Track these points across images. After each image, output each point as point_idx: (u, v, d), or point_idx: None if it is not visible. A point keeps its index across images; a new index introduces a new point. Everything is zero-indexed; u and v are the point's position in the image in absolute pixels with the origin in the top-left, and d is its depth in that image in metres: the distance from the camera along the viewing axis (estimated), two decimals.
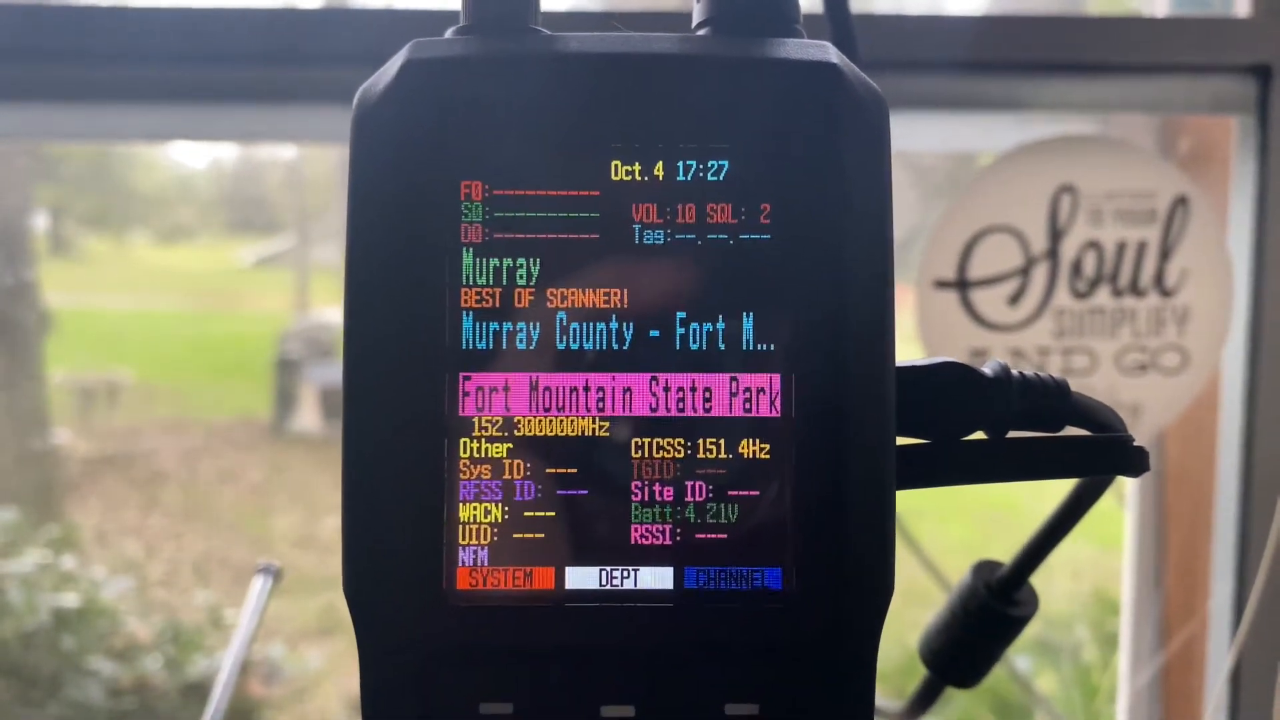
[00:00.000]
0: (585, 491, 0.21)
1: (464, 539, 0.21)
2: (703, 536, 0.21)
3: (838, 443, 0.21)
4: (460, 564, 0.21)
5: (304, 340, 3.34)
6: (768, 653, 0.20)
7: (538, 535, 0.21)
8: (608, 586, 0.21)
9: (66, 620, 1.66)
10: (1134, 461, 0.23)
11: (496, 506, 0.21)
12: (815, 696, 0.20)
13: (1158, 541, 0.70)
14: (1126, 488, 0.72)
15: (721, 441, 0.21)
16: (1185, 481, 0.70)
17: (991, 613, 0.30)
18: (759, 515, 0.21)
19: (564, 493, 0.21)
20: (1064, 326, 0.58)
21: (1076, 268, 0.58)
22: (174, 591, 2.25)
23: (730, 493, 0.21)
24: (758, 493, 0.21)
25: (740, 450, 0.21)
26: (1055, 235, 0.58)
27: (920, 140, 0.71)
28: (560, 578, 0.21)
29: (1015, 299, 0.58)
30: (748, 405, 0.21)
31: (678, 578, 0.21)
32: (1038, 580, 0.31)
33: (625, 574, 0.21)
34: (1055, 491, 0.30)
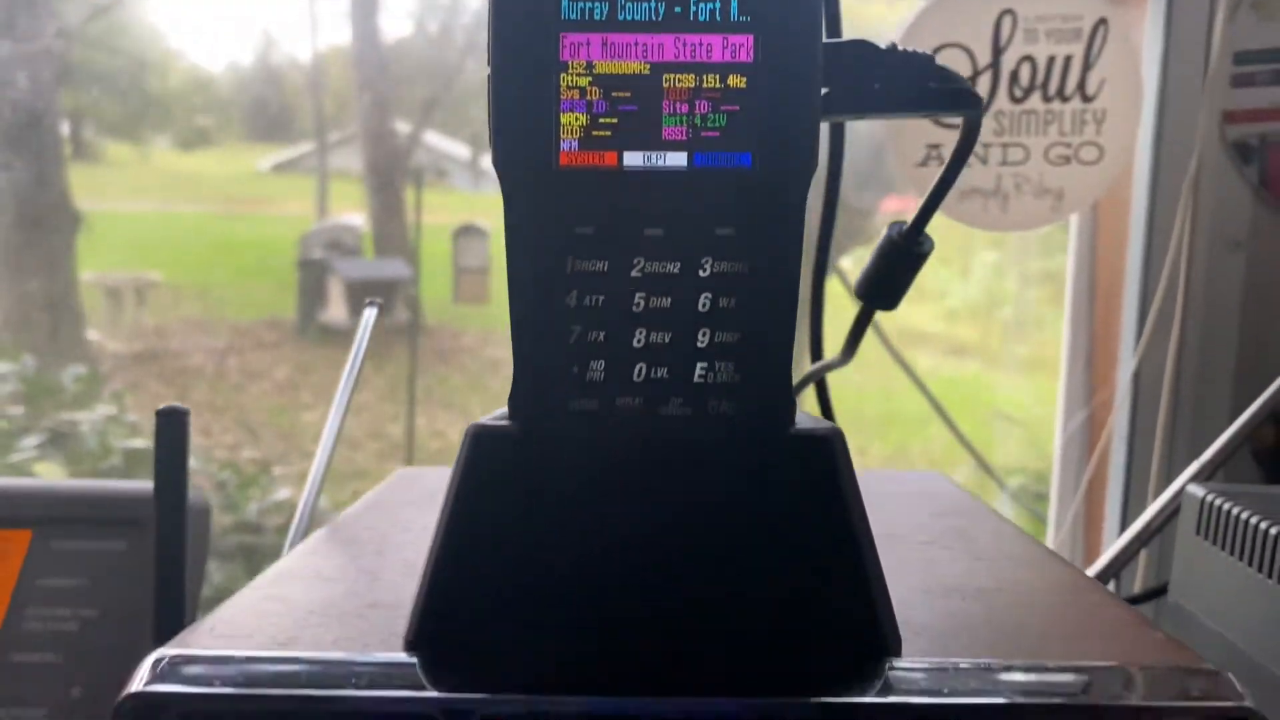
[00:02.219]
0: (635, 108, 0.35)
1: (564, 135, 0.35)
2: (705, 134, 0.35)
3: (785, 77, 0.35)
4: (562, 149, 0.35)
5: (326, 241, 3.42)
6: (738, 198, 0.35)
7: (606, 134, 0.35)
8: (647, 165, 0.35)
9: (136, 460, 1.84)
10: (969, 102, 0.37)
11: (583, 115, 0.35)
12: (764, 223, 0.35)
13: (1089, 308, 0.85)
14: (1068, 264, 0.87)
15: (717, 76, 0.35)
16: (1109, 253, 0.84)
17: (902, 252, 0.44)
18: (738, 121, 0.35)
19: (623, 108, 0.35)
20: (1003, 125, 0.72)
21: (1014, 77, 0.71)
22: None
23: (723, 107, 0.35)
24: (738, 108, 0.35)
25: (729, 82, 0.35)
26: (997, 51, 0.71)
27: None
28: (620, 158, 0.35)
29: None
30: (734, 54, 0.35)
31: (690, 159, 0.35)
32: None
33: (659, 157, 0.35)
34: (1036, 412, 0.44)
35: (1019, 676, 0.32)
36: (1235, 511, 0.54)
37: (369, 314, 0.65)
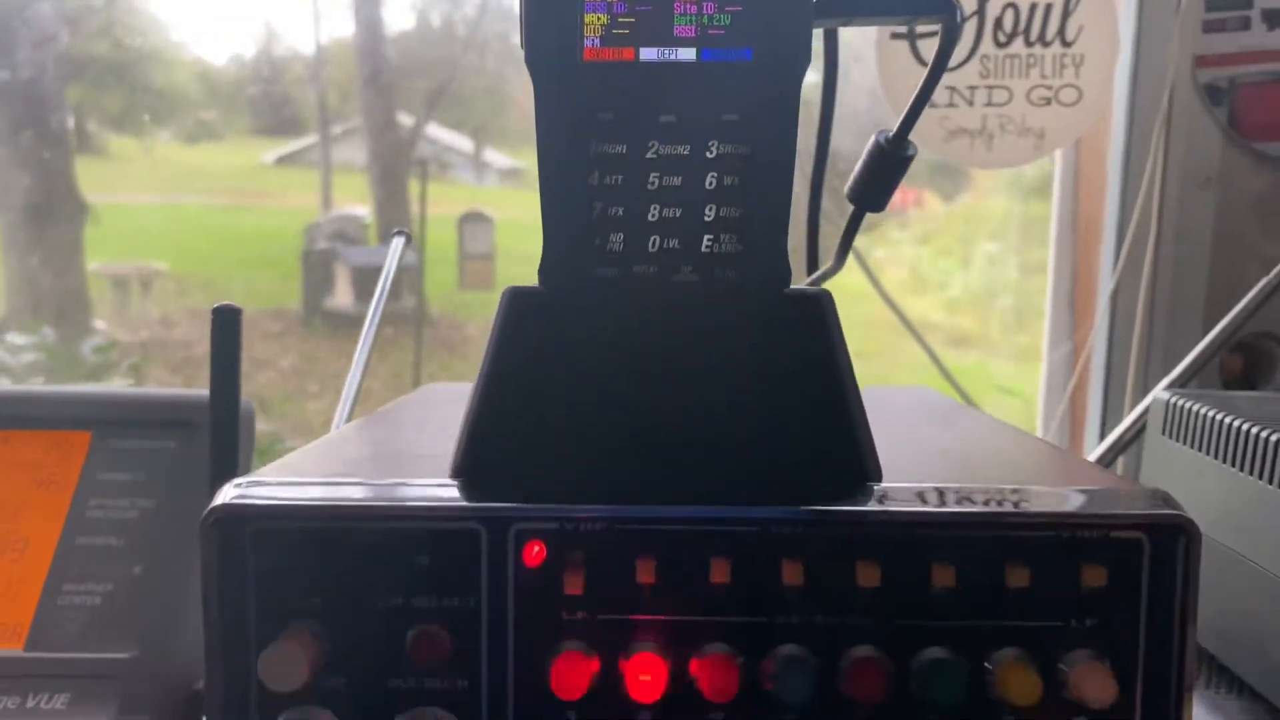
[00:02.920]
0: (650, 8, 0.40)
1: (587, 32, 0.40)
2: (712, 32, 0.40)
3: None
4: (585, 46, 0.40)
5: (331, 233, 3.46)
6: (741, 88, 0.39)
7: (625, 32, 0.40)
8: (661, 59, 0.40)
9: None
10: (946, 8, 0.42)
11: (604, 15, 0.40)
12: (764, 110, 0.39)
13: (1073, 252, 0.90)
14: (1052, 209, 0.92)
15: None
16: (1089, 201, 0.89)
17: (890, 155, 0.49)
18: (741, 20, 0.40)
19: (640, 9, 0.40)
20: (988, 69, 0.76)
21: (999, 23, 0.76)
22: None
23: (727, 8, 0.40)
24: (740, 8, 0.39)
25: None
26: None
27: None
28: (637, 53, 0.40)
29: None
30: None
31: (698, 54, 0.40)
32: None
33: (671, 52, 0.40)
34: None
35: (992, 489, 0.37)
36: (1197, 409, 0.59)
37: (397, 242, 0.70)
